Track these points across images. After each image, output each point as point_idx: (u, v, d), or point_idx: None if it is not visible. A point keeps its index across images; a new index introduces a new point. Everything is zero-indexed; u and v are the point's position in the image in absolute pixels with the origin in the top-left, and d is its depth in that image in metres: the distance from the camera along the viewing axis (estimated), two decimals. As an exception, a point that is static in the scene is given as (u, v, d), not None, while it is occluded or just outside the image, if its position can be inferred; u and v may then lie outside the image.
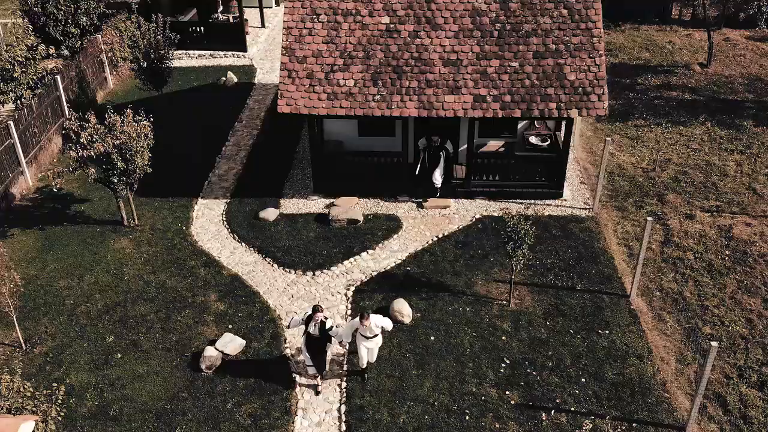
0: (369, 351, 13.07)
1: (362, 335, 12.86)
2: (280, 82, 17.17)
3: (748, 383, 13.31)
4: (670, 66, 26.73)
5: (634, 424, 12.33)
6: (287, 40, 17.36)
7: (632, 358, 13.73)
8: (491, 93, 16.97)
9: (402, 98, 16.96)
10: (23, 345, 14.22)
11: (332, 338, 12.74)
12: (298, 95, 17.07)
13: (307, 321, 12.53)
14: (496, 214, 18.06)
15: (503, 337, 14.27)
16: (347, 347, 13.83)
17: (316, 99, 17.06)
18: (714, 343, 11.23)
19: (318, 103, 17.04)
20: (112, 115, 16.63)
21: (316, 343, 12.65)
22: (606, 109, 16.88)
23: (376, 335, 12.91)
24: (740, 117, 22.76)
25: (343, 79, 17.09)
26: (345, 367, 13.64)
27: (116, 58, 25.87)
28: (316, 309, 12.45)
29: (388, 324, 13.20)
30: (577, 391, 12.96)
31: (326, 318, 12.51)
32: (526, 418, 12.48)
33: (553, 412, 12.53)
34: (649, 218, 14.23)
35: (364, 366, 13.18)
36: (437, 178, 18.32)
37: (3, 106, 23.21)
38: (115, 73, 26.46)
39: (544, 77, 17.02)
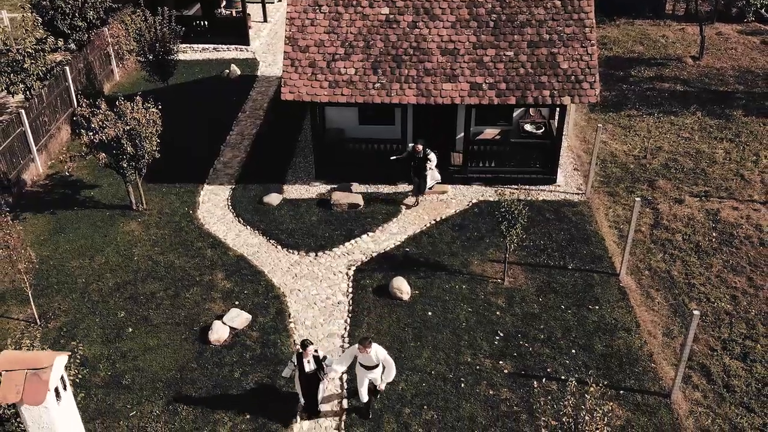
0: (372, 382, 12.26)
1: (362, 365, 12.09)
2: (283, 71, 17.81)
3: (731, 355, 13.96)
4: (663, 59, 27.37)
5: (621, 391, 12.99)
6: (290, 30, 17.99)
7: (620, 332, 14.38)
8: (487, 81, 17.61)
9: (401, 86, 17.60)
10: (38, 320, 14.86)
11: (325, 373, 12.08)
12: (301, 83, 17.71)
13: (299, 359, 11.85)
14: (492, 199, 18.69)
15: (497, 312, 14.91)
16: (337, 376, 13.20)
17: (318, 87, 17.70)
18: (696, 311, 11.87)
19: (320, 90, 17.68)
20: (122, 102, 17.27)
21: (310, 378, 12.03)
22: (598, 97, 17.54)
23: (377, 365, 12.04)
24: (730, 107, 23.41)
25: (344, 67, 17.73)
26: (345, 404, 12.85)
27: (122, 51, 26.60)
28: (305, 344, 11.77)
29: (390, 364, 12.09)
30: (567, 361, 13.60)
31: (317, 350, 12.04)
32: (518, 385, 13.13)
33: (544, 380, 13.16)
34: (637, 199, 14.89)
35: (365, 401, 12.37)
36: (427, 185, 18.24)
37: (13, 97, 23.87)
38: (121, 65, 27.09)
39: (538, 66, 17.66)
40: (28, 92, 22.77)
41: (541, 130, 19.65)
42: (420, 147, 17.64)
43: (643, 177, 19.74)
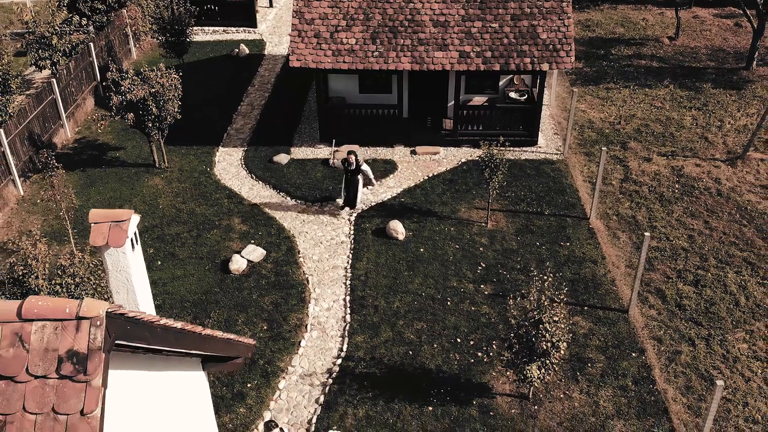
0: None
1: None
2: (291, 41, 19.86)
3: (685, 281, 16.02)
4: (642, 39, 29.42)
5: (585, 308, 15.05)
6: (297, 5, 20.03)
7: (588, 263, 16.45)
8: (474, 50, 19.65)
9: (397, 54, 19.64)
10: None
11: None
12: (307, 52, 19.77)
13: None
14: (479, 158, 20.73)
15: (480, 249, 16.98)
16: None
17: (322, 55, 19.74)
18: (647, 234, 13.93)
19: (324, 58, 19.73)
20: (146, 69, 19.30)
21: None
22: (573, 63, 19.58)
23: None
24: (701, 81, 25.46)
25: (346, 38, 19.78)
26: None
27: (140, 31, 28.67)
28: (269, 427, 10.86)
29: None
30: (539, 284, 15.63)
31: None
32: (496, 303, 15.20)
33: (519, 298, 15.19)
34: (604, 148, 16.95)
35: None
36: (356, 201, 18.24)
37: (41, 71, 25.91)
38: (138, 46, 29.12)
39: (520, 36, 19.70)
40: (54, 68, 24.82)
41: (524, 97, 21.68)
42: (353, 158, 17.69)
43: (616, 140, 21.79)
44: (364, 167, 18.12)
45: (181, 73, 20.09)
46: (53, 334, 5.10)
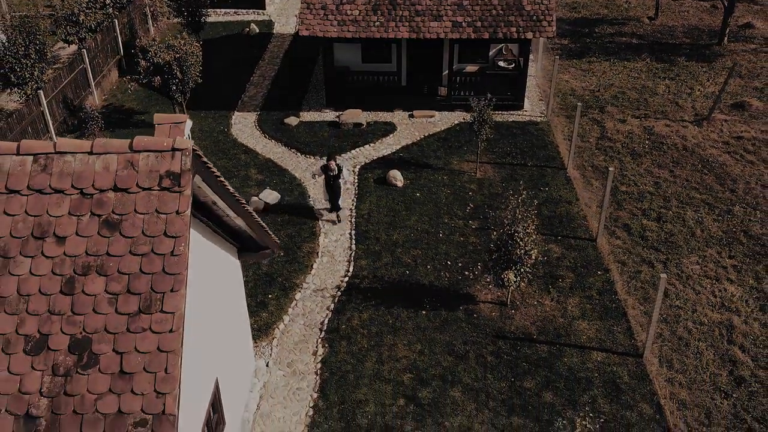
0: None
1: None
2: (300, 12, 22.06)
3: (648, 218, 18.23)
4: (624, 19, 31.63)
5: (559, 237, 17.28)
6: (306, -19, 22.23)
7: (563, 204, 18.66)
8: (466, 20, 21.85)
9: (396, 24, 21.85)
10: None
11: None
12: (315, 22, 21.96)
13: None
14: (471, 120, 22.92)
15: (470, 193, 19.19)
16: None
17: (328, 25, 21.94)
18: (611, 169, 16.14)
19: (330, 28, 21.93)
20: (171, 38, 21.49)
21: None
22: (554, 33, 21.79)
23: None
24: (675, 55, 27.67)
25: (350, 9, 21.97)
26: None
27: (157, 12, 30.86)
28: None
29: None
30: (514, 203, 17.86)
31: None
32: (482, 235, 17.42)
33: (501, 230, 17.39)
34: (579, 104, 19.16)
35: None
36: (338, 203, 18.26)
37: (69, 46, 28.10)
38: (155, 25, 31.32)
39: (507, 8, 21.90)
40: (81, 43, 26.97)
41: (512, 66, 23.88)
42: (333, 164, 17.76)
43: (595, 105, 24.00)
44: (345, 171, 18.11)
45: (201, 42, 22.23)
46: (155, 160, 7.33)
